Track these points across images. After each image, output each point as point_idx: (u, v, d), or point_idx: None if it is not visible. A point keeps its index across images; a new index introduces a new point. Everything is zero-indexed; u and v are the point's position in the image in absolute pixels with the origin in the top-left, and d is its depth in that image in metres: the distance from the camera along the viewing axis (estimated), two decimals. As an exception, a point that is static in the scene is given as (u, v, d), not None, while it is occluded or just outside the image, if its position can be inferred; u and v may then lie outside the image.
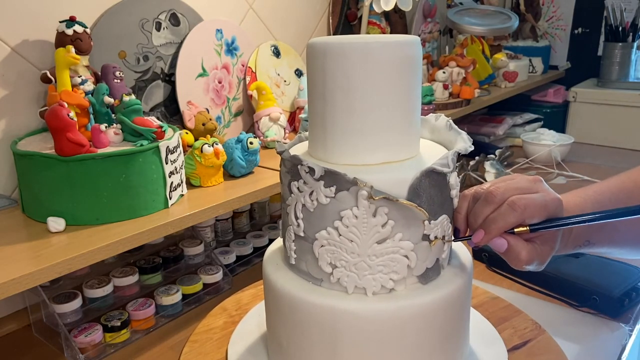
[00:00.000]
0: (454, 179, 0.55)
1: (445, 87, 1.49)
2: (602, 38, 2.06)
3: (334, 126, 0.53)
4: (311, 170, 0.51)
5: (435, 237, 0.53)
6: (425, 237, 0.53)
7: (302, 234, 0.54)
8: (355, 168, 0.52)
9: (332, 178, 0.50)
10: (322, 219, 0.52)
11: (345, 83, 0.51)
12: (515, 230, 0.54)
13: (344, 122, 0.53)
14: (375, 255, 0.52)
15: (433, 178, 0.51)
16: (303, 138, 0.64)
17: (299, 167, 0.52)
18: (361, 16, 1.37)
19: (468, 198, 0.58)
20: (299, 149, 0.61)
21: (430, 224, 0.52)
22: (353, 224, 0.51)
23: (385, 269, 0.52)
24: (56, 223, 0.70)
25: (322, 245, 0.53)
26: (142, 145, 0.74)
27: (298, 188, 0.53)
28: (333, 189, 0.50)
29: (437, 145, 0.61)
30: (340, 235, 0.51)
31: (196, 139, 0.91)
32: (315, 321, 0.53)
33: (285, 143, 0.60)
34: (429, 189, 0.51)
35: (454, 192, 0.55)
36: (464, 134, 0.59)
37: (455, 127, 0.60)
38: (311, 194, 0.52)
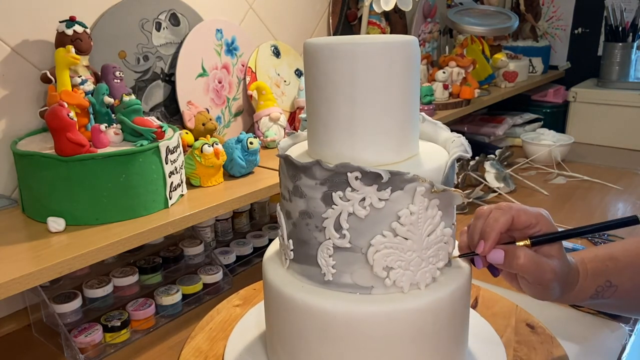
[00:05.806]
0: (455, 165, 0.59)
1: (445, 87, 1.49)
2: (602, 38, 2.06)
3: (365, 127, 0.53)
4: (372, 176, 0.49)
5: (455, 221, 0.56)
6: (452, 222, 0.55)
7: (347, 245, 0.52)
8: (388, 166, 0.51)
9: (387, 179, 0.49)
10: (376, 223, 0.51)
11: (377, 84, 0.51)
12: (517, 243, 0.55)
13: (377, 122, 0.53)
14: (427, 247, 0.53)
15: (453, 165, 0.55)
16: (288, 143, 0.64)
17: (348, 174, 0.49)
18: (361, 16, 1.37)
19: (466, 232, 0.60)
20: (291, 153, 0.59)
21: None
22: (410, 221, 0.51)
23: (434, 259, 0.54)
24: (56, 223, 0.70)
25: (377, 251, 0.51)
26: (142, 145, 0.74)
27: (342, 197, 0.51)
28: (388, 190, 0.49)
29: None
30: (396, 235, 0.51)
31: (196, 139, 0.91)
32: (368, 332, 0.52)
33: (281, 148, 0.60)
34: (452, 175, 0.55)
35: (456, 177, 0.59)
36: (439, 123, 0.62)
37: (429, 118, 0.63)
38: (362, 200, 0.50)
